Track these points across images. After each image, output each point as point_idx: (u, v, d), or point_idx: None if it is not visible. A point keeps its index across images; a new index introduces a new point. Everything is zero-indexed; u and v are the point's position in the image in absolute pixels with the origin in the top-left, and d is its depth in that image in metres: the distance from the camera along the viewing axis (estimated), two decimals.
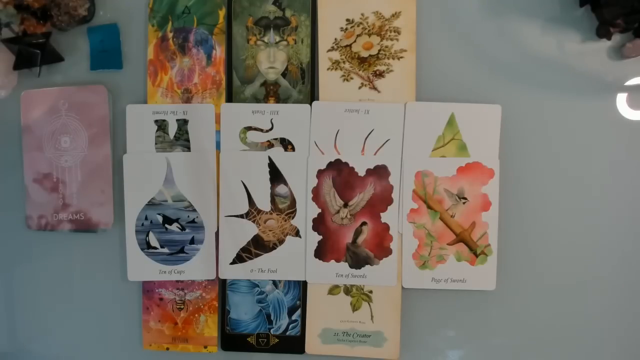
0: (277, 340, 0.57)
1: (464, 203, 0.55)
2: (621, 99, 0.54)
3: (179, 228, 0.56)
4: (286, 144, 0.55)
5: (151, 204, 0.56)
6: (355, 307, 0.56)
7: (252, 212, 0.56)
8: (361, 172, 0.55)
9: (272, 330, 0.57)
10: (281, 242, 0.56)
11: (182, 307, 0.57)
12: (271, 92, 0.55)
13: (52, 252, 0.58)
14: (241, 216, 0.56)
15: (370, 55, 0.55)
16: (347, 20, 0.55)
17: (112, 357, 0.59)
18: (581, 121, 0.55)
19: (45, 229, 0.57)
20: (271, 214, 0.56)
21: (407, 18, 0.54)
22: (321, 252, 0.56)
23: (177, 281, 0.57)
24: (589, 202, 0.55)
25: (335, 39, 0.55)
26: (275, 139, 0.55)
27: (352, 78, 0.55)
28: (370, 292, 0.56)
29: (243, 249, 0.56)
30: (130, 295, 0.58)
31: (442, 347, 0.56)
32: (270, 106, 0.55)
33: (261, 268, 0.56)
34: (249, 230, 0.56)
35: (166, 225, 0.56)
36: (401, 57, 0.54)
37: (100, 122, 0.56)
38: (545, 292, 0.55)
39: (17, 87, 0.57)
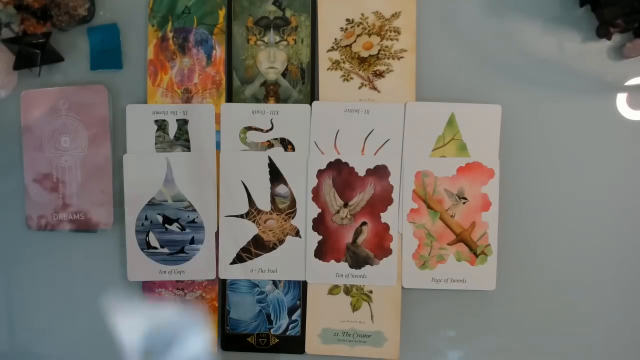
0: (277, 340, 0.57)
1: (464, 203, 0.55)
2: (621, 99, 0.54)
3: (179, 228, 0.56)
4: (286, 144, 0.55)
5: (151, 204, 0.56)
6: (355, 307, 0.56)
7: (252, 212, 0.56)
8: (361, 172, 0.55)
9: (272, 330, 0.57)
10: (281, 242, 0.56)
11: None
12: (271, 92, 0.55)
13: (52, 252, 0.58)
14: (241, 216, 0.56)
15: (370, 55, 0.55)
16: (347, 20, 0.55)
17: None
18: (581, 121, 0.55)
19: (45, 229, 0.57)
20: (271, 214, 0.56)
21: (407, 18, 0.54)
22: (321, 252, 0.56)
23: (177, 281, 0.57)
24: (589, 202, 0.55)
25: (335, 39, 0.55)
26: (275, 139, 0.55)
27: (352, 78, 0.55)
28: (370, 292, 0.56)
29: (243, 249, 0.56)
30: (131, 295, 0.58)
31: (442, 347, 0.56)
32: (270, 106, 0.55)
33: (261, 268, 0.56)
34: (249, 230, 0.56)
35: (166, 225, 0.56)
36: (401, 57, 0.54)
37: (100, 122, 0.56)
38: (545, 292, 0.55)
39: (17, 87, 0.57)
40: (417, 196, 0.55)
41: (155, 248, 0.56)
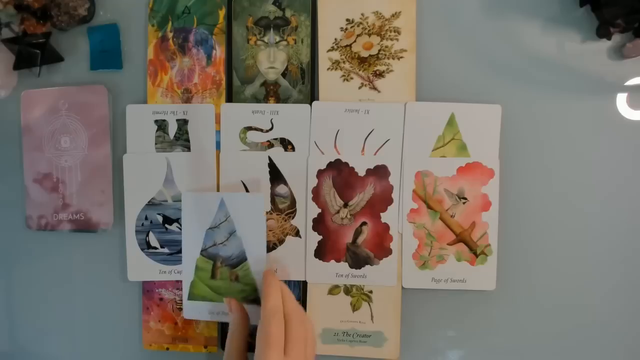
0: None
1: (464, 203, 0.55)
2: (621, 99, 0.54)
3: (179, 228, 0.56)
4: (286, 144, 0.55)
5: (151, 204, 0.56)
6: (355, 307, 0.56)
7: None
8: (361, 172, 0.55)
9: None
10: (281, 242, 0.56)
11: (182, 307, 0.57)
12: (271, 92, 0.55)
13: (52, 252, 0.58)
14: None
15: (370, 55, 0.55)
16: (347, 20, 0.55)
17: (112, 357, 0.59)
18: (581, 121, 0.55)
19: (45, 229, 0.57)
20: (271, 214, 0.56)
21: (407, 18, 0.54)
22: (321, 252, 0.55)
23: (177, 281, 0.57)
24: (589, 202, 0.55)
25: (335, 39, 0.55)
26: (275, 139, 0.55)
27: (352, 78, 0.55)
28: (370, 292, 0.56)
29: None
30: (130, 295, 0.58)
31: (442, 347, 0.56)
32: (270, 106, 0.55)
33: None
34: None
35: (166, 225, 0.56)
36: (401, 57, 0.54)
37: (100, 122, 0.57)
38: (545, 292, 0.55)
39: (17, 87, 0.57)
40: (417, 196, 0.55)
41: (155, 248, 0.56)
